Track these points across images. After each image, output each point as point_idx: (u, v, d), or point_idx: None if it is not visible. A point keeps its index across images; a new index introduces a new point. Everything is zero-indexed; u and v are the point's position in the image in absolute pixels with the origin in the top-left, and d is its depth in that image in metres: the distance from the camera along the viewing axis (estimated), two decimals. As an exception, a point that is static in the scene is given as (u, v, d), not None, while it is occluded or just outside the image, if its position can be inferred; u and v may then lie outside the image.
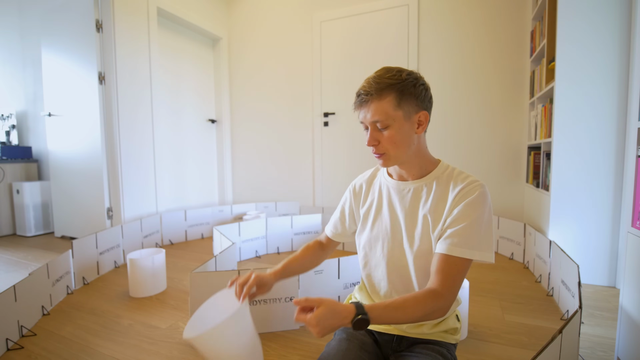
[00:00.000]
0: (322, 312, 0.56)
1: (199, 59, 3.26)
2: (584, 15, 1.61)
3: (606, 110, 1.61)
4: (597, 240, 1.67)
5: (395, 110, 0.68)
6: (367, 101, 0.69)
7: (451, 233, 0.66)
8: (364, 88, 0.69)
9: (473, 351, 1.10)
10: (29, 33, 3.07)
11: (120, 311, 1.42)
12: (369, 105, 0.69)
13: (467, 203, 0.67)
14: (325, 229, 0.95)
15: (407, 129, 0.70)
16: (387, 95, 0.67)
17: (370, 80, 0.69)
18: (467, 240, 0.65)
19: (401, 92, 0.67)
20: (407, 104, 0.68)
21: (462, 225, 0.65)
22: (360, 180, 0.87)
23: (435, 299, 0.62)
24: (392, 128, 0.68)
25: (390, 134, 0.69)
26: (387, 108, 0.67)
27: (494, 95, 2.51)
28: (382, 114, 0.68)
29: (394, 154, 0.71)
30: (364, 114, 0.71)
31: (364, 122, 0.72)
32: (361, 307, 0.58)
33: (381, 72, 0.69)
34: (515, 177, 2.49)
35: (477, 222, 0.66)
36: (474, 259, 0.65)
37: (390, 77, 0.68)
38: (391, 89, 0.67)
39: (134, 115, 2.48)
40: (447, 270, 0.64)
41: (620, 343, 0.99)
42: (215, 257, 1.49)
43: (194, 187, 3.22)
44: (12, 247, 2.49)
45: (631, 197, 0.94)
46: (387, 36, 2.77)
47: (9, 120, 3.14)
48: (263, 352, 1.11)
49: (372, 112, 0.68)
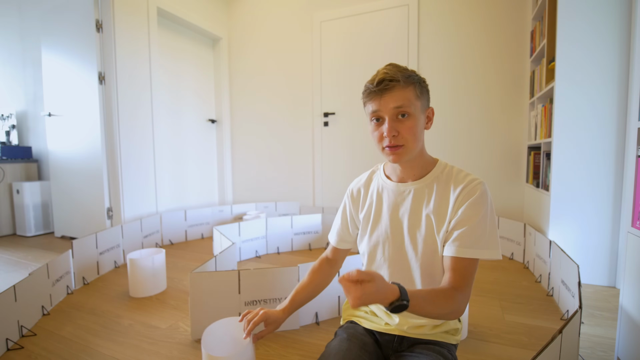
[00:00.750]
0: (369, 287, 0.54)
1: (199, 59, 3.26)
2: (584, 15, 1.62)
3: (606, 110, 1.61)
4: (597, 240, 1.67)
5: (416, 99, 0.69)
6: (392, 88, 0.67)
7: (459, 235, 0.67)
8: (387, 75, 0.67)
9: (473, 351, 1.10)
10: (29, 33, 3.07)
11: (120, 311, 1.42)
12: (392, 92, 0.67)
13: (470, 204, 0.67)
14: (329, 239, 0.93)
15: (422, 122, 0.71)
16: (410, 85, 0.68)
17: (390, 68, 0.68)
18: (476, 241, 0.66)
19: (420, 85, 0.70)
20: (423, 98, 0.71)
21: (468, 227, 0.67)
22: (356, 184, 0.86)
23: (458, 297, 0.64)
24: (413, 118, 0.68)
25: (411, 124, 0.68)
26: (410, 96, 0.68)
27: (494, 95, 2.51)
28: (407, 100, 0.67)
29: (412, 147, 0.69)
30: (384, 101, 0.67)
31: (380, 112, 0.68)
32: (405, 293, 0.57)
33: (394, 65, 0.70)
34: (515, 177, 2.49)
35: (482, 222, 0.67)
36: (483, 258, 0.67)
37: (407, 70, 0.69)
38: (412, 79, 0.69)
39: (134, 115, 2.48)
40: (461, 271, 0.66)
41: (620, 343, 0.99)
42: (215, 257, 1.48)
43: (194, 187, 3.22)
44: (12, 247, 2.48)
45: (631, 197, 0.94)
46: (387, 36, 2.77)
47: (9, 120, 3.14)
48: (263, 352, 1.11)
49: (396, 97, 0.67)
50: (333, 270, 0.92)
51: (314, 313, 1.31)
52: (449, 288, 0.65)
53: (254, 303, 1.24)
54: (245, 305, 1.23)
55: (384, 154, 0.72)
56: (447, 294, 0.64)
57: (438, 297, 0.63)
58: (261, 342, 1.16)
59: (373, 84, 0.68)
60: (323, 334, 1.23)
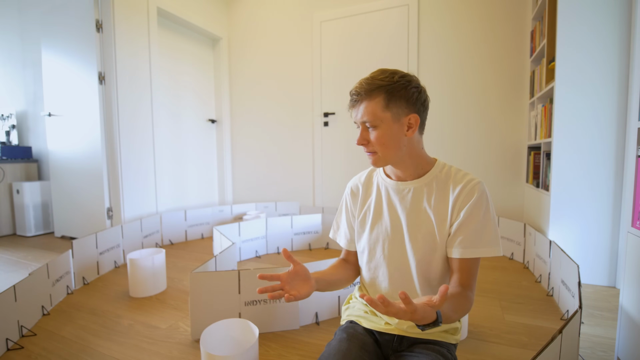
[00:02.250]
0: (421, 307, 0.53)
1: (199, 59, 3.26)
2: (584, 16, 1.62)
3: (606, 110, 1.61)
4: (597, 240, 1.67)
5: (383, 111, 0.69)
6: (358, 101, 0.71)
7: (463, 238, 0.70)
8: (355, 88, 0.71)
9: (473, 351, 1.10)
10: (29, 33, 3.07)
11: (120, 311, 1.42)
12: (359, 105, 0.71)
13: (470, 206, 0.69)
14: (339, 241, 0.90)
15: (395, 130, 0.70)
16: (377, 97, 0.69)
17: (362, 81, 0.71)
18: (478, 241, 0.69)
19: (390, 93, 0.68)
20: (396, 106, 0.69)
21: (471, 228, 0.69)
22: (356, 181, 0.87)
23: (470, 296, 0.69)
24: (380, 128, 0.70)
25: (379, 135, 0.70)
26: (375, 109, 0.69)
27: (494, 96, 2.51)
28: (370, 115, 0.69)
29: (383, 155, 0.72)
30: (355, 113, 0.73)
31: (356, 122, 0.74)
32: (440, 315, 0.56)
33: (375, 73, 0.71)
34: (515, 177, 2.49)
35: (483, 222, 0.69)
36: (486, 256, 0.70)
37: (382, 78, 0.69)
38: (380, 90, 0.68)
39: (134, 115, 2.49)
40: (467, 271, 0.70)
41: (620, 343, 0.99)
42: (215, 257, 1.49)
43: (194, 187, 3.22)
44: (12, 247, 2.48)
45: (631, 197, 0.94)
46: (387, 36, 2.77)
47: (9, 120, 3.14)
48: (263, 352, 1.11)
49: (361, 112, 0.70)
50: (352, 269, 0.87)
51: (314, 313, 1.31)
52: (462, 289, 0.68)
53: (254, 303, 1.24)
54: (245, 306, 1.23)
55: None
56: (463, 295, 0.67)
57: (458, 302, 0.65)
58: (261, 342, 1.16)
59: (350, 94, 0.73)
60: (323, 334, 1.23)
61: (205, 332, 0.93)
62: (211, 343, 0.93)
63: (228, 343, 0.99)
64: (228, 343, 0.99)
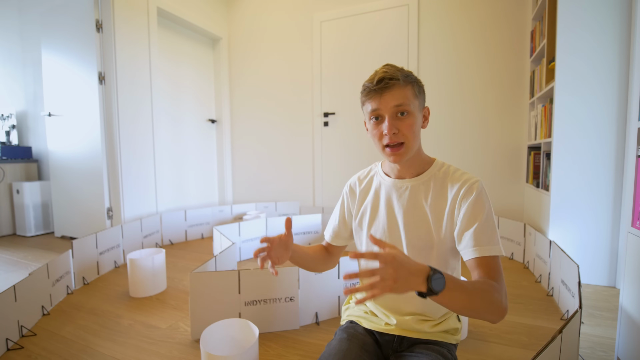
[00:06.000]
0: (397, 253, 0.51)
1: (199, 59, 3.26)
2: (584, 16, 1.61)
3: (606, 110, 1.61)
4: (597, 240, 1.67)
5: (415, 98, 0.71)
6: (392, 86, 0.67)
7: (472, 237, 0.66)
8: (386, 74, 0.67)
9: (473, 351, 1.10)
10: (29, 33, 3.07)
11: (120, 311, 1.42)
12: (392, 90, 0.68)
13: (472, 205, 0.68)
14: (325, 234, 0.92)
15: (419, 120, 0.73)
16: (409, 84, 0.70)
17: (389, 68, 0.70)
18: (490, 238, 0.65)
19: (417, 84, 0.72)
20: (421, 97, 0.73)
21: (478, 226, 0.66)
22: (355, 179, 0.87)
23: (496, 286, 0.60)
24: (412, 116, 0.70)
25: (410, 122, 0.69)
26: (410, 94, 0.69)
27: (494, 95, 2.51)
28: (406, 99, 0.68)
29: (410, 145, 0.70)
30: (384, 99, 0.68)
31: (380, 110, 0.69)
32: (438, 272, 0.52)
33: (392, 66, 0.71)
34: (515, 177, 2.49)
35: (488, 219, 0.67)
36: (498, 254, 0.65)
37: (405, 70, 0.71)
38: (411, 79, 0.70)
39: (134, 115, 2.48)
40: (486, 267, 0.64)
41: (620, 343, 0.99)
42: (215, 257, 1.49)
43: (194, 187, 3.22)
44: (12, 247, 2.48)
45: (631, 197, 0.94)
46: (387, 35, 2.77)
47: (9, 120, 3.14)
48: (263, 352, 1.11)
49: (396, 95, 0.68)
50: (329, 257, 0.90)
51: (314, 313, 1.31)
52: (486, 279, 0.62)
53: (254, 303, 1.24)
54: (245, 306, 1.23)
55: (384, 153, 0.72)
56: (485, 282, 0.60)
57: (476, 284, 0.59)
58: (261, 342, 1.16)
59: (372, 82, 0.69)
60: (323, 334, 1.23)
61: (205, 332, 0.93)
62: (211, 343, 0.94)
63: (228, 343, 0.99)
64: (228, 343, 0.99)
